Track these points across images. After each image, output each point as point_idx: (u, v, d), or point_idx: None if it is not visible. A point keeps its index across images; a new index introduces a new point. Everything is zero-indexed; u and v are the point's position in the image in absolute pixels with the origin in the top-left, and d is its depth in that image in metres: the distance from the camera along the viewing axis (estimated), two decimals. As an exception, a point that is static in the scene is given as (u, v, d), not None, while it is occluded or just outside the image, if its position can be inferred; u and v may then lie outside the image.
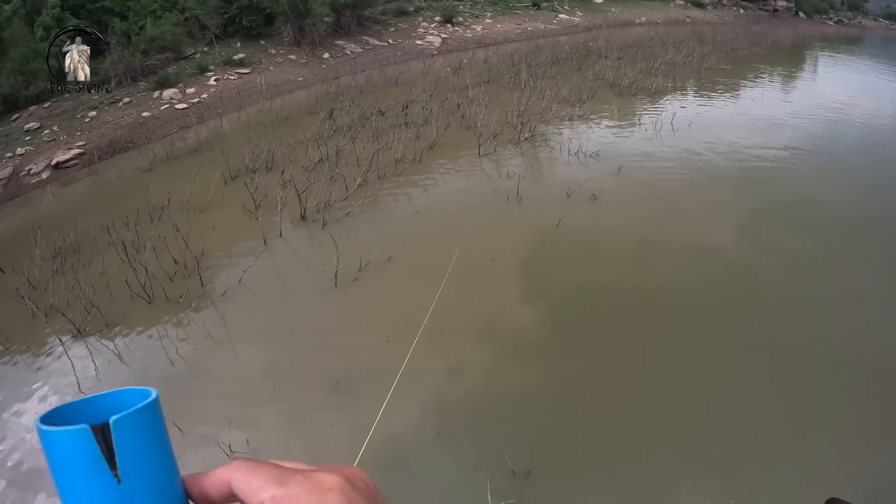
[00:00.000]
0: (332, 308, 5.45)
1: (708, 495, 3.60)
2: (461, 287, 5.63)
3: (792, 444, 3.97)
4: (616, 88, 13.81)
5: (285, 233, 6.70)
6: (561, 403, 4.31)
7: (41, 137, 11.20)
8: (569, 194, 7.47)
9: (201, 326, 5.22)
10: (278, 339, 5.05)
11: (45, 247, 6.66)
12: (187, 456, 3.89)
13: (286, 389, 4.48)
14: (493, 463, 3.72)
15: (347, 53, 17.00)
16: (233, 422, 4.08)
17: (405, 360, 4.12)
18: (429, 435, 4.01)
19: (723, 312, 5.38)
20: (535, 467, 3.71)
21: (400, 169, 8.41)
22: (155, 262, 5.97)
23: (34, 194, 9.60)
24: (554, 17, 25.69)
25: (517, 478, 3.62)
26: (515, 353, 4.81)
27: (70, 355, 4.96)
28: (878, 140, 11.45)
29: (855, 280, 5.97)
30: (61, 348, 5.03)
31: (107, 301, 5.58)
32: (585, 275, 5.97)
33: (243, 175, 8.29)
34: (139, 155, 10.23)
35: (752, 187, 8.20)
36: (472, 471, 3.69)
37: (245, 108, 12.68)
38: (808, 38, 31.05)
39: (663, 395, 4.38)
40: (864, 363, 4.75)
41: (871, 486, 3.68)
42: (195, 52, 15.37)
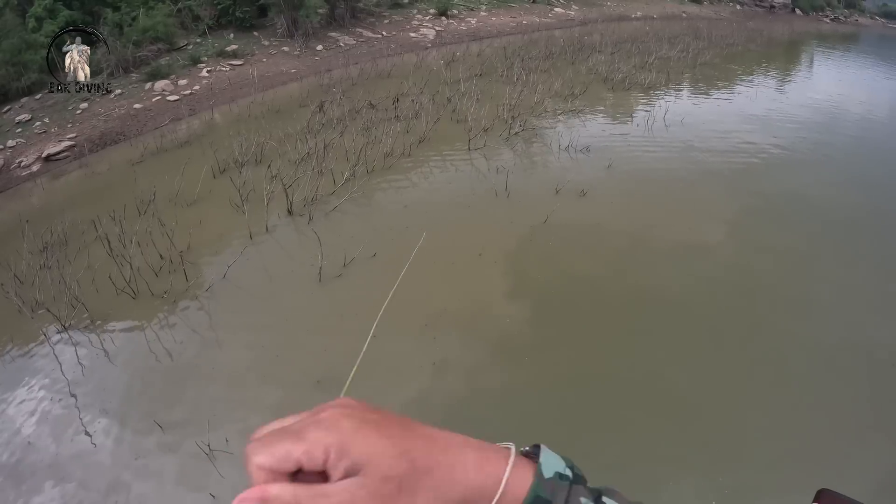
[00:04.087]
0: (315, 304, 5.47)
1: (692, 494, 3.64)
2: (447, 281, 5.65)
3: (781, 440, 4.00)
4: (609, 83, 13.79)
5: (271, 227, 6.69)
6: (545, 401, 4.34)
7: (32, 129, 11.13)
8: (558, 190, 7.48)
9: (185, 322, 5.23)
10: (262, 334, 5.06)
11: (33, 241, 6.65)
12: (167, 455, 3.93)
13: (270, 385, 4.50)
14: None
15: (341, 45, 16.91)
16: (216, 418, 4.10)
17: (360, 354, 4.15)
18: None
19: (711, 310, 5.42)
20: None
21: (389, 163, 8.39)
22: (140, 257, 5.97)
23: (25, 187, 9.56)
24: (549, 10, 25.59)
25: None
26: (500, 350, 4.84)
27: (55, 351, 4.98)
28: (873, 137, 11.52)
29: (847, 278, 6.03)
30: (46, 344, 5.05)
31: (92, 296, 5.58)
32: (572, 271, 6.00)
33: (232, 168, 8.27)
34: (130, 147, 10.19)
35: (744, 184, 8.23)
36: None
37: (237, 100, 12.62)
38: (804, 35, 31.00)
39: (649, 392, 4.41)
40: (855, 360, 4.81)
41: (863, 480, 3.74)
42: (188, 44, 15.28)
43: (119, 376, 4.70)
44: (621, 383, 4.52)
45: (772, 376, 4.58)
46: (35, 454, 4.05)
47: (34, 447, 4.10)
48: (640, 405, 4.29)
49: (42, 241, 6.71)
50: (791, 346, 4.94)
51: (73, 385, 4.61)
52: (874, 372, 4.67)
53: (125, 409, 4.35)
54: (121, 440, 4.08)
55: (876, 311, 5.47)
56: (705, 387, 4.47)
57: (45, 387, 4.67)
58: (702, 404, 4.32)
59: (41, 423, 4.30)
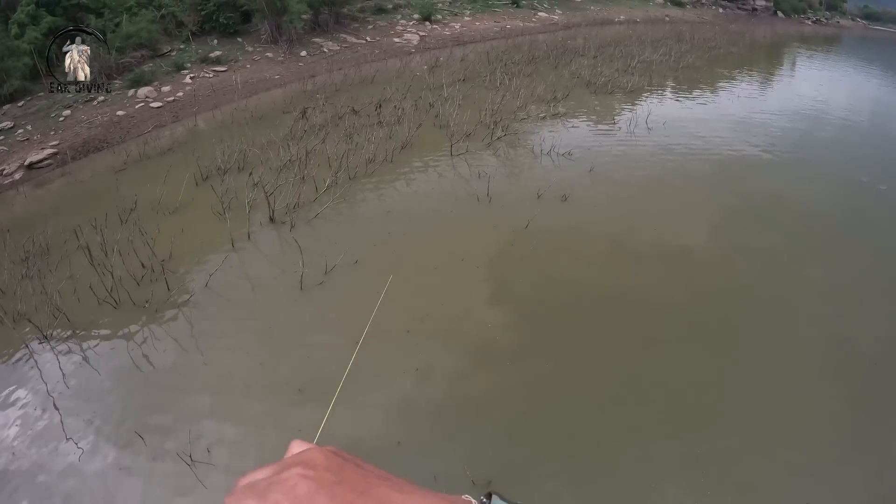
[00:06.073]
0: (297, 312, 5.49)
1: (675, 499, 3.70)
2: (429, 287, 5.70)
3: (771, 443, 4.08)
4: (592, 87, 13.93)
5: (253, 235, 6.71)
6: (526, 408, 4.38)
7: (14, 137, 11.06)
8: (539, 195, 7.56)
9: (167, 331, 5.24)
10: (244, 343, 5.08)
11: (14, 250, 6.63)
12: (148, 465, 3.94)
13: (252, 394, 4.52)
14: (454, 472, 3.76)
15: (325, 51, 16.94)
16: (196, 429, 4.13)
17: (349, 363, 4.18)
18: (390, 442, 4.05)
19: (694, 312, 5.52)
20: (497, 476, 3.76)
21: (371, 169, 8.44)
22: (122, 266, 5.97)
23: (7, 195, 9.49)
24: (533, 14, 25.75)
25: (476, 487, 3.63)
26: (481, 356, 4.89)
27: (37, 361, 4.97)
28: (853, 138, 11.74)
29: (829, 277, 6.17)
30: (28, 354, 5.04)
31: (74, 306, 5.57)
32: (554, 276, 6.06)
33: (214, 176, 8.28)
34: (113, 155, 10.15)
35: (726, 186, 8.38)
36: (432, 481, 3.67)
37: (220, 106, 12.61)
38: (786, 38, 31.46)
39: (631, 398, 4.47)
40: (843, 357, 4.95)
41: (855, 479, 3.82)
42: (171, 50, 15.24)
43: (101, 386, 4.70)
44: (603, 385, 4.60)
45: (758, 375, 4.67)
46: (16, 464, 4.05)
47: (15, 458, 4.09)
48: (623, 407, 4.36)
49: (24, 250, 6.69)
50: (773, 346, 5.04)
51: (54, 395, 4.61)
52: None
53: (107, 419, 4.35)
54: (102, 450, 4.09)
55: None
56: (689, 387, 4.56)
57: (27, 397, 4.65)
58: (686, 404, 4.40)
59: (22, 434, 4.29)
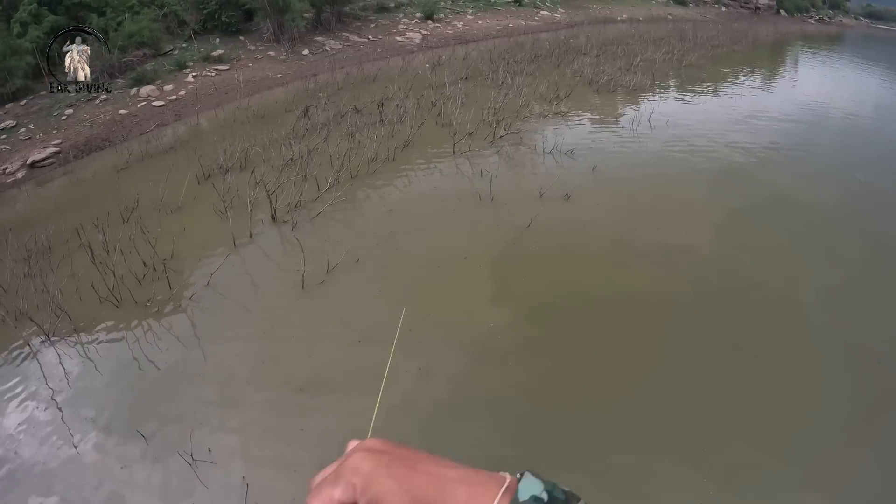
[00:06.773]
0: (299, 311, 5.49)
1: (680, 494, 3.68)
2: (432, 286, 5.69)
3: (773, 441, 4.07)
4: (594, 85, 13.90)
5: (255, 234, 6.71)
6: (527, 406, 4.38)
7: (17, 136, 11.07)
8: (541, 194, 7.54)
9: (169, 330, 5.24)
10: (246, 341, 5.08)
11: (17, 249, 6.64)
12: (150, 464, 3.94)
13: (254, 392, 4.51)
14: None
15: (327, 50, 16.93)
16: (200, 427, 4.13)
17: (388, 363, 4.18)
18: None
19: (696, 311, 5.50)
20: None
21: (373, 168, 8.43)
22: (124, 265, 5.97)
23: (9, 194, 9.50)
24: (535, 13, 25.72)
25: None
26: (484, 353, 4.88)
27: (39, 360, 4.97)
28: (856, 136, 11.71)
29: (832, 275, 6.14)
30: (30, 354, 5.04)
31: (76, 305, 5.57)
32: (556, 275, 6.05)
33: (216, 174, 8.28)
34: (115, 154, 10.15)
35: (729, 185, 8.36)
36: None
37: (223, 105, 12.61)
38: (789, 36, 31.40)
39: (634, 395, 4.47)
40: (844, 357, 4.92)
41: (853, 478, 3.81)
42: (173, 49, 15.25)
43: (103, 384, 4.70)
44: (605, 385, 4.58)
45: (760, 376, 4.66)
46: (18, 461, 4.05)
47: (19, 456, 4.09)
48: (625, 405, 4.35)
49: (26, 249, 6.69)
50: (777, 344, 5.03)
51: (56, 394, 4.61)
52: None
53: (109, 418, 4.35)
54: (105, 449, 4.09)
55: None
56: (690, 386, 4.54)
57: (29, 396, 4.65)
58: (687, 403, 4.38)
59: (25, 433, 4.29)
